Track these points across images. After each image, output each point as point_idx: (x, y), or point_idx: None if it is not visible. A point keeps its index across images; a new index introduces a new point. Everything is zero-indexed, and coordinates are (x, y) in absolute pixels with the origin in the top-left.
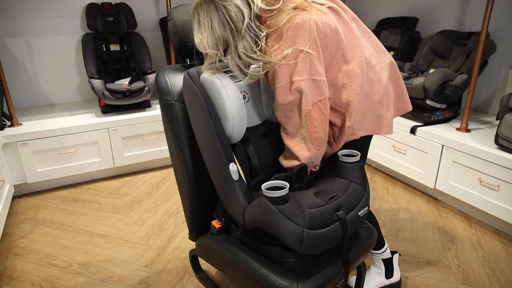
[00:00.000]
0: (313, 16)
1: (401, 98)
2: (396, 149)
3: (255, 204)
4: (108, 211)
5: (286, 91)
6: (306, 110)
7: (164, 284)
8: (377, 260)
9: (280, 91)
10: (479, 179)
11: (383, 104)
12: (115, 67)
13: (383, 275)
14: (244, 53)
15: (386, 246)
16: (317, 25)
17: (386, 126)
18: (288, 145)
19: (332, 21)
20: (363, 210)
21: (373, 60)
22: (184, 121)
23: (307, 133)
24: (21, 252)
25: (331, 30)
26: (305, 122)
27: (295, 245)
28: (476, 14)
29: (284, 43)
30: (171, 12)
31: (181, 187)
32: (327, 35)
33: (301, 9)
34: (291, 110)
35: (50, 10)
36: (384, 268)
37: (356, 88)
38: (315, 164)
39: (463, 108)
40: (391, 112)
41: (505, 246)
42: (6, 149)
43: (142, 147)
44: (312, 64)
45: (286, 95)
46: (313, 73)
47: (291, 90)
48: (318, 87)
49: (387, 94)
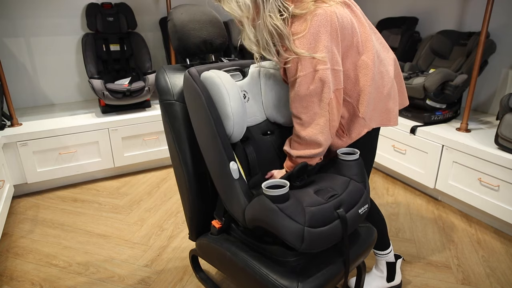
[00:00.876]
0: (333, 8)
1: (401, 92)
2: (396, 149)
3: (256, 202)
4: (108, 211)
5: (309, 80)
6: (328, 98)
7: (164, 284)
8: (381, 262)
9: (303, 80)
10: (479, 179)
11: (391, 96)
12: (115, 67)
13: (385, 279)
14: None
15: (391, 249)
16: (337, 17)
17: (394, 118)
18: (304, 136)
19: (348, 14)
20: (363, 208)
21: (381, 54)
22: (184, 121)
23: (326, 122)
24: (21, 252)
25: (348, 23)
26: (326, 111)
27: (296, 244)
28: (476, 14)
29: (309, 30)
30: (171, 12)
31: (181, 187)
32: (344, 27)
33: (321, 1)
34: (311, 100)
35: (50, 10)
36: (386, 272)
37: (368, 80)
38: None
39: (463, 108)
40: (397, 105)
41: (505, 246)
42: (6, 149)
43: (142, 147)
44: (333, 54)
45: (309, 84)
46: (334, 63)
47: (314, 79)
48: (337, 76)
49: (394, 87)
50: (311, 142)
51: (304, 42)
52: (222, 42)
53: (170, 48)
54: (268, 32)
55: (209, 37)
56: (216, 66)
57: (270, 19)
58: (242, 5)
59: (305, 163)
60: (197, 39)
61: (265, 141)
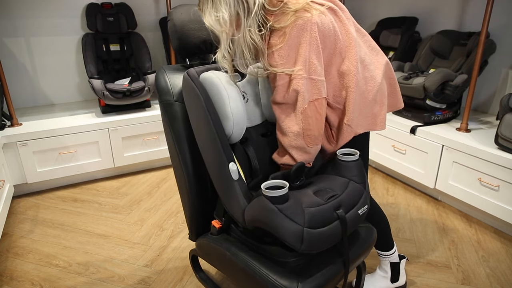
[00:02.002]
0: (314, 17)
1: (394, 95)
2: (396, 149)
3: (255, 203)
4: (108, 211)
5: (285, 89)
6: (302, 108)
7: (164, 284)
8: (385, 263)
9: (279, 88)
10: (479, 179)
11: (377, 101)
12: (115, 67)
13: (389, 279)
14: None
15: (395, 249)
16: (317, 26)
17: (380, 123)
18: (282, 143)
19: (331, 22)
20: (363, 209)
21: (366, 59)
22: (184, 121)
23: (300, 131)
24: (21, 252)
25: (329, 30)
26: (300, 120)
27: (295, 244)
28: (476, 14)
29: (287, 42)
30: (171, 12)
31: (181, 187)
32: (325, 35)
33: (303, 11)
34: (286, 108)
35: (50, 10)
36: (390, 272)
37: (351, 86)
38: (308, 161)
39: (463, 108)
40: (385, 109)
41: (505, 246)
42: (6, 149)
43: (142, 147)
44: (311, 64)
45: (284, 93)
46: (312, 72)
47: (289, 88)
48: (315, 86)
49: (380, 91)
50: (289, 150)
51: (282, 53)
52: None
53: (170, 48)
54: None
55: (209, 37)
56: (215, 66)
57: (249, 33)
58: (221, 20)
59: (302, 163)
60: (197, 39)
61: (264, 142)
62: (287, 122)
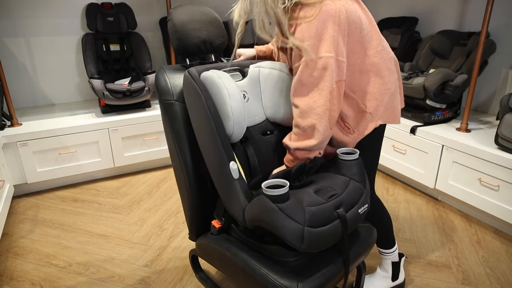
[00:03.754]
0: (342, 2)
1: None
2: (396, 149)
3: (255, 202)
4: (108, 211)
5: (313, 67)
6: (331, 87)
7: (164, 284)
8: (386, 262)
9: (306, 66)
10: (479, 179)
11: (396, 94)
12: (115, 67)
13: (390, 278)
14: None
15: (396, 247)
16: (345, 10)
17: (398, 116)
18: (303, 125)
19: (357, 10)
20: (363, 208)
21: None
22: (184, 121)
23: (326, 111)
24: (21, 252)
25: (356, 18)
26: (327, 100)
27: (296, 243)
28: (476, 14)
29: (318, 17)
30: (171, 12)
31: (181, 187)
32: (352, 22)
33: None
34: (312, 87)
35: (50, 10)
36: (391, 272)
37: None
38: (322, 147)
39: (463, 108)
40: (400, 104)
41: (505, 246)
42: (6, 149)
43: (142, 147)
44: (339, 45)
45: (312, 71)
46: (339, 54)
47: (317, 66)
48: (340, 68)
49: (398, 86)
50: (310, 132)
51: (312, 27)
52: (222, 42)
53: (170, 48)
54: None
55: (209, 37)
56: (215, 66)
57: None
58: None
59: (304, 163)
60: (197, 39)
61: (264, 141)
62: (312, 103)
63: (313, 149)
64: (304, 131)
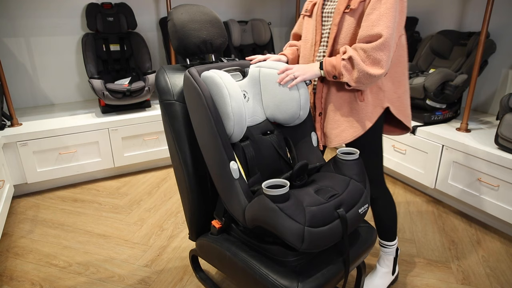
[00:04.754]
0: None
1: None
2: (396, 149)
3: (256, 202)
4: (108, 211)
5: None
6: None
7: (164, 284)
8: (388, 258)
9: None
10: (479, 179)
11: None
12: (115, 67)
13: (390, 273)
14: None
15: (397, 241)
16: None
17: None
18: (377, 57)
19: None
20: (363, 208)
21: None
22: (184, 120)
23: (394, 46)
24: (21, 252)
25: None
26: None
27: (296, 243)
28: (476, 14)
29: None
30: (171, 12)
31: (181, 187)
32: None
33: None
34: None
35: (50, 10)
36: (392, 266)
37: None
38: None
39: (463, 108)
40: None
41: (505, 246)
42: (6, 149)
43: (142, 147)
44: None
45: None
46: None
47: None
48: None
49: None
50: (376, 63)
51: None
52: (222, 42)
53: (170, 48)
54: None
55: (209, 37)
56: (216, 66)
57: None
58: None
59: (305, 162)
60: (197, 39)
61: (265, 141)
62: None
63: (372, 78)
64: (375, 60)
